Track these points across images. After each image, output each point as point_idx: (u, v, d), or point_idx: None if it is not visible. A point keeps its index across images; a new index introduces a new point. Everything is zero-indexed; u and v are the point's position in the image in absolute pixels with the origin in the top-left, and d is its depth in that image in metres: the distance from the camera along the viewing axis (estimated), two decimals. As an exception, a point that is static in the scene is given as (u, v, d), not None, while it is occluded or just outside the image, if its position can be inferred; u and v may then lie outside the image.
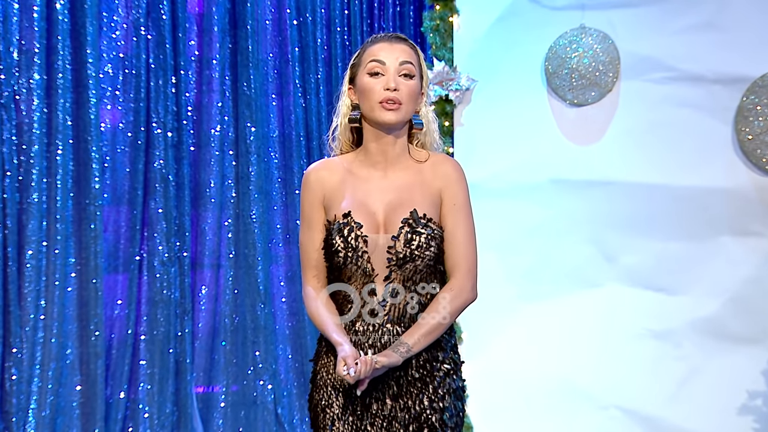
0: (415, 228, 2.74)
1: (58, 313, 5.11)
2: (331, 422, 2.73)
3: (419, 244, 2.73)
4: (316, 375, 2.81)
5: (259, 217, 5.52)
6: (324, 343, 2.81)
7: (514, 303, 5.15)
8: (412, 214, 2.75)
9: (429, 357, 2.76)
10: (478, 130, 5.15)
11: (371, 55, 2.77)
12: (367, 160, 2.81)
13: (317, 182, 2.81)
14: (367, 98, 2.76)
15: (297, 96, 5.63)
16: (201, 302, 5.51)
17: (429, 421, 2.73)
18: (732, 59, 4.93)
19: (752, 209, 4.97)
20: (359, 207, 2.76)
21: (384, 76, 2.75)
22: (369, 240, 2.73)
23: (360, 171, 2.81)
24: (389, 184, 2.79)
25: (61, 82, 5.12)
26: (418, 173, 2.81)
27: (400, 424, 2.73)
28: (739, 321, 4.99)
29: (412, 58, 2.78)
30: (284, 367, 5.59)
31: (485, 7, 5.15)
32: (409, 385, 2.74)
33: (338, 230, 2.73)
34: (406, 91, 2.75)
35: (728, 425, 4.99)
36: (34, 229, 5.07)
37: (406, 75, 2.76)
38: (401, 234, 2.73)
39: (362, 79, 2.78)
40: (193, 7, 5.51)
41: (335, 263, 2.75)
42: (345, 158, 2.85)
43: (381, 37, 2.81)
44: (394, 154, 2.80)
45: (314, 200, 2.81)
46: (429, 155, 2.85)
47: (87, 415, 5.19)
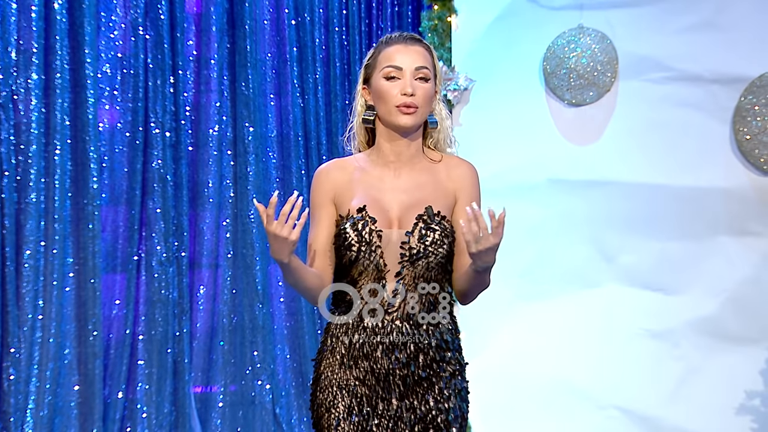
0: (429, 224, 2.74)
1: (56, 313, 5.10)
2: (336, 422, 2.73)
3: (433, 240, 2.73)
4: (320, 375, 2.79)
5: (258, 216, 5.51)
6: (329, 343, 2.79)
7: (513, 303, 5.15)
8: (427, 210, 2.75)
9: (436, 357, 2.76)
10: (476, 130, 5.15)
11: (387, 59, 2.77)
12: (380, 159, 2.82)
13: (328, 180, 2.81)
14: (383, 102, 2.76)
15: (295, 96, 5.63)
16: (199, 302, 5.50)
17: (435, 421, 2.72)
18: (730, 59, 4.94)
19: (750, 209, 4.98)
20: (373, 203, 2.75)
21: (400, 80, 2.75)
22: (383, 235, 2.73)
23: (373, 170, 2.81)
24: (402, 184, 2.79)
25: (59, 81, 5.12)
26: (432, 174, 2.82)
27: (405, 424, 2.72)
28: (738, 321, 5.00)
29: (427, 62, 2.78)
30: (282, 367, 5.59)
31: (483, 7, 5.15)
32: (415, 385, 2.74)
33: (352, 224, 2.73)
34: (422, 95, 2.75)
35: (726, 425, 4.99)
36: (32, 229, 5.07)
37: (422, 78, 2.76)
38: (416, 229, 2.73)
39: (378, 82, 2.77)
40: (191, 7, 5.50)
41: (347, 258, 2.74)
42: (357, 158, 2.85)
43: (396, 38, 2.80)
44: (408, 154, 2.81)
45: (324, 197, 2.79)
46: (443, 157, 2.86)
47: (85, 415, 5.18)
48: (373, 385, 2.73)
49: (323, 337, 2.83)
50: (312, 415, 2.80)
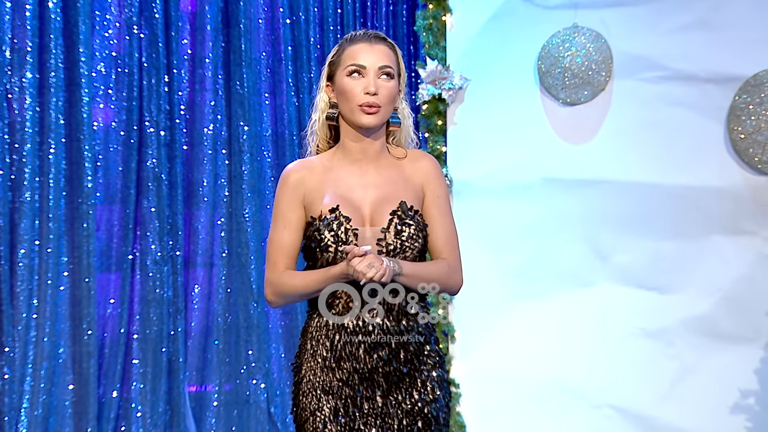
0: (404, 219, 2.76)
1: (50, 312, 5.10)
2: (323, 425, 2.73)
3: (409, 235, 2.75)
4: (302, 379, 2.79)
5: (252, 215, 5.52)
6: (309, 346, 2.79)
7: (507, 302, 5.15)
8: (401, 206, 2.77)
9: (416, 351, 2.77)
10: (471, 129, 5.15)
11: (351, 58, 2.77)
12: (347, 158, 2.82)
13: (298, 181, 2.81)
14: (346, 100, 2.77)
15: (290, 95, 5.63)
16: (194, 301, 5.50)
17: (422, 413, 2.75)
18: (724, 58, 4.94)
19: (745, 208, 4.98)
20: (345, 202, 2.76)
21: (364, 78, 2.75)
22: (358, 233, 2.73)
23: (340, 169, 2.82)
24: (371, 181, 2.80)
25: (53, 80, 5.12)
26: (399, 169, 2.84)
27: (393, 419, 2.74)
28: (732, 320, 5.00)
29: (391, 61, 2.79)
30: (277, 366, 5.59)
31: (478, 6, 5.14)
32: (399, 381, 2.75)
33: (327, 225, 2.73)
34: (385, 93, 2.76)
35: (721, 424, 5.00)
36: (26, 227, 5.07)
37: (386, 76, 2.77)
38: (391, 225, 2.75)
39: (342, 80, 2.78)
40: (186, 6, 5.50)
41: (323, 259, 2.74)
42: (323, 157, 2.86)
43: (360, 37, 2.80)
44: (373, 151, 2.82)
45: (293, 199, 2.80)
46: (406, 152, 2.88)
47: (79, 414, 5.18)
48: (356, 385, 2.74)
49: (301, 340, 2.83)
50: (294, 419, 2.79)
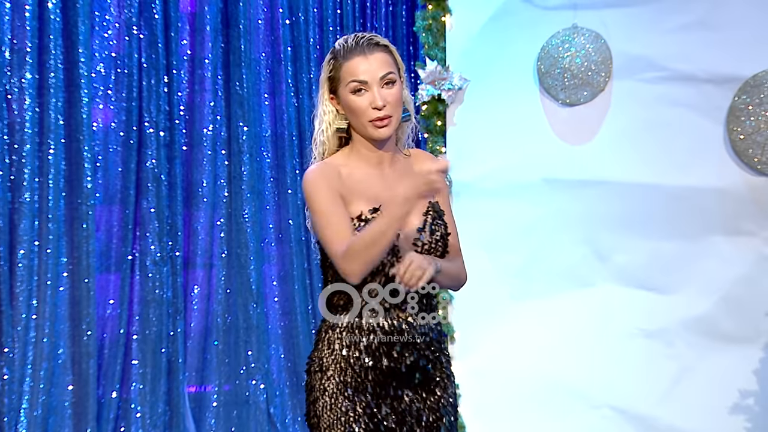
0: (435, 219, 2.79)
1: (50, 313, 5.10)
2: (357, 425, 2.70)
3: (442, 235, 2.79)
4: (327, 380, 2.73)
5: (252, 216, 5.52)
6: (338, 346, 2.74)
7: (507, 302, 5.15)
8: (433, 206, 2.80)
9: (438, 347, 2.82)
10: (471, 129, 5.15)
11: (351, 74, 2.72)
12: (362, 162, 2.80)
13: (331, 179, 2.72)
14: (356, 116, 2.74)
15: (289, 95, 5.63)
16: (193, 302, 5.50)
17: (445, 408, 2.80)
18: (724, 59, 4.94)
19: (744, 208, 4.98)
20: (378, 203, 2.72)
21: (368, 93, 2.71)
22: (399, 233, 2.70)
23: (360, 171, 2.78)
24: (392, 182, 2.77)
25: (53, 81, 5.12)
26: (410, 168, 2.83)
27: (420, 416, 2.77)
28: (731, 320, 5.00)
29: (390, 66, 2.75)
30: (276, 366, 5.59)
31: (478, 7, 5.14)
32: (426, 378, 2.78)
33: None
34: (392, 101, 2.73)
35: (720, 424, 4.99)
36: (26, 228, 5.07)
37: (389, 83, 2.73)
38: (426, 225, 2.77)
39: (347, 97, 2.73)
40: (186, 7, 5.51)
41: None
42: (336, 160, 2.80)
43: (354, 49, 2.74)
44: (389, 155, 2.82)
45: (334, 193, 2.69)
46: (410, 151, 2.89)
47: (79, 415, 5.18)
48: (389, 383, 2.74)
49: (320, 343, 2.78)
50: (317, 422, 2.72)
